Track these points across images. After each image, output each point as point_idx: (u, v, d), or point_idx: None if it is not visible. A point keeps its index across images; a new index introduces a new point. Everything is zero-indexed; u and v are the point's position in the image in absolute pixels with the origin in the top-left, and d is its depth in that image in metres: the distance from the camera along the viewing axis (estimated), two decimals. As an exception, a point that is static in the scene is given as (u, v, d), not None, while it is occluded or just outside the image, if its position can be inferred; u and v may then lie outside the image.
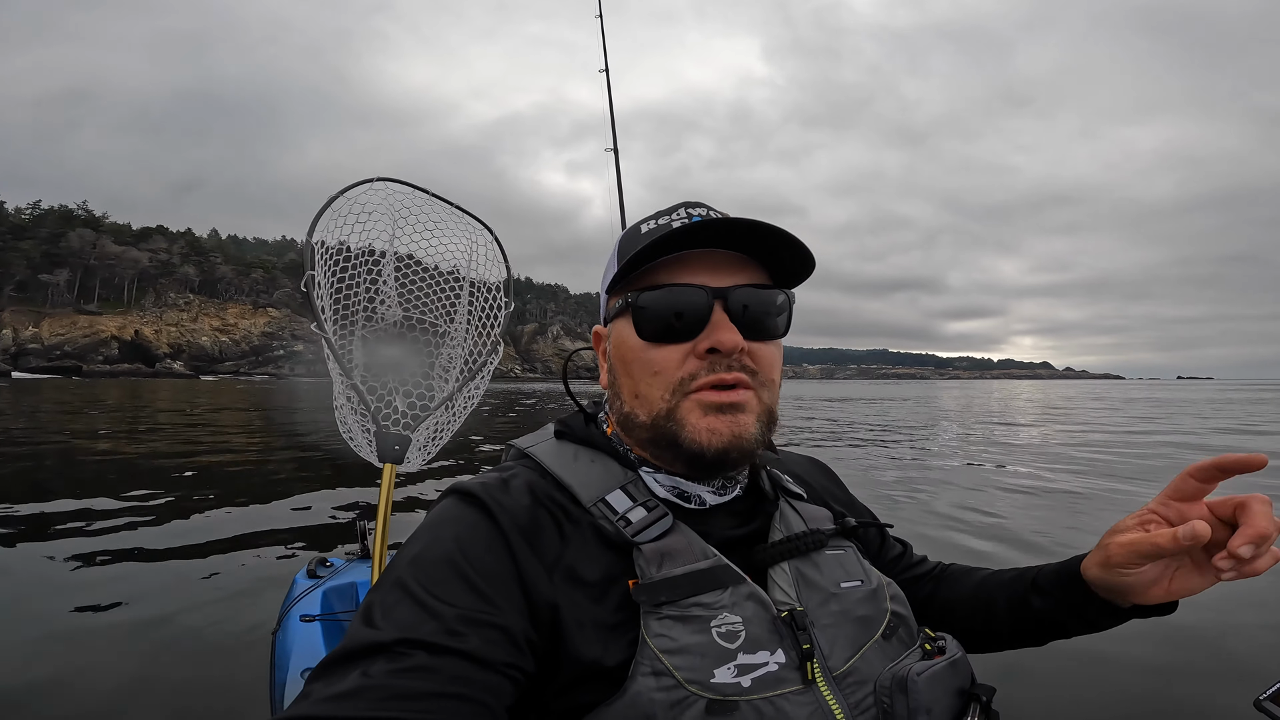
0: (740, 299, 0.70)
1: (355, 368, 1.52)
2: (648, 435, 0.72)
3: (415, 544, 0.64)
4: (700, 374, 0.69)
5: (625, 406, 0.75)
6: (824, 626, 0.67)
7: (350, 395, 1.52)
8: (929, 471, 6.91)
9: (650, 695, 0.58)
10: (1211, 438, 10.94)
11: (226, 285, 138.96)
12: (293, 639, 1.43)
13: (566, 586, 0.64)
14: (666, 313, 0.70)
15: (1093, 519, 4.57)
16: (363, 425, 1.55)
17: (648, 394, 0.72)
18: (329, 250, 1.52)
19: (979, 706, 0.68)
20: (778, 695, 0.60)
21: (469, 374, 1.70)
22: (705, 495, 0.74)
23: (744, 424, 0.69)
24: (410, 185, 1.62)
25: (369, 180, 1.54)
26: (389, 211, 1.61)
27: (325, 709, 0.50)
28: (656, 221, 0.76)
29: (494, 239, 1.78)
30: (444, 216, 1.70)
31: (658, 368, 0.71)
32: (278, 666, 1.41)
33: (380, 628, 0.56)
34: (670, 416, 0.70)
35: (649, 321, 0.71)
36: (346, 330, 1.55)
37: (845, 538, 0.79)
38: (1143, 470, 6.95)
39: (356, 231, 1.55)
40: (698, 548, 0.67)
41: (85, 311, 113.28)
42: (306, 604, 1.55)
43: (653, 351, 0.71)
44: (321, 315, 1.44)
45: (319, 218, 1.44)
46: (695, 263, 0.71)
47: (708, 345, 0.68)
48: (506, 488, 0.69)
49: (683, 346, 0.70)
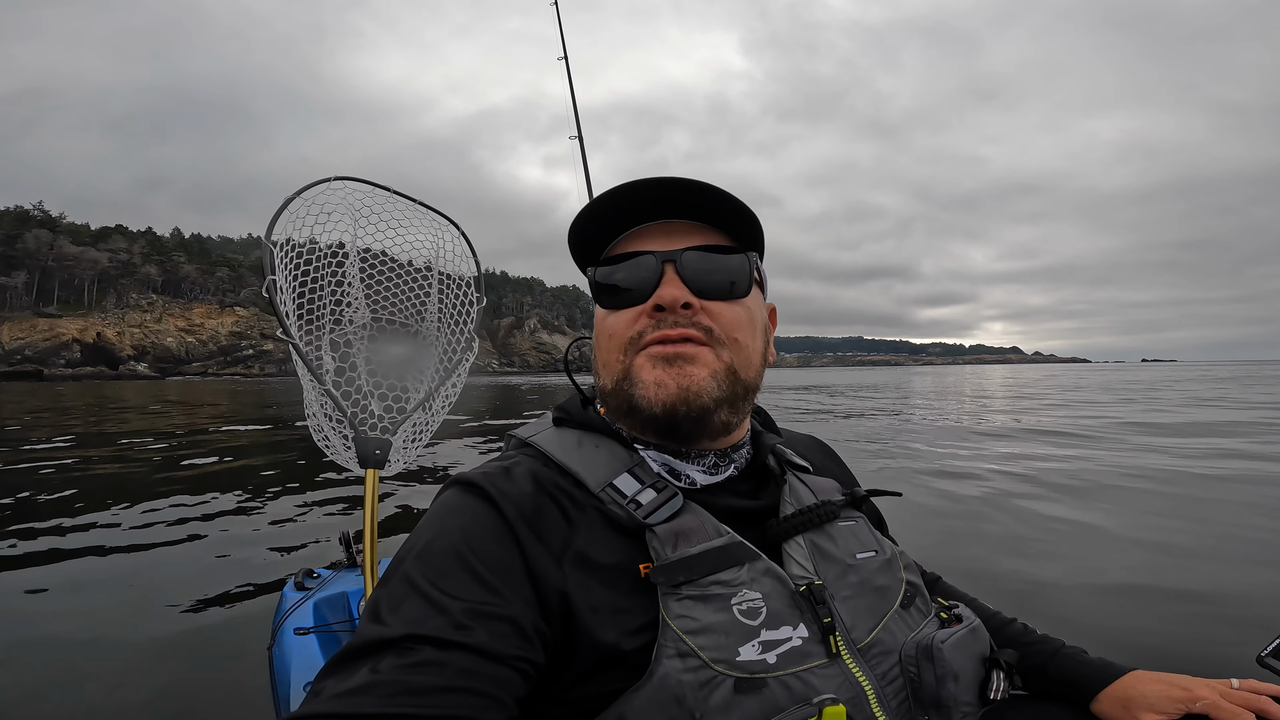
0: (692, 260, 0.71)
1: (327, 373, 1.49)
2: (614, 402, 0.73)
3: (420, 537, 0.63)
4: (649, 330, 0.70)
5: (599, 380, 0.76)
6: (844, 599, 0.67)
7: (324, 402, 1.49)
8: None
9: (678, 677, 0.57)
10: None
11: (191, 285, 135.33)
12: (290, 653, 1.40)
13: (577, 573, 0.63)
14: (619, 279, 0.73)
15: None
16: (340, 432, 1.51)
17: (608, 359, 0.73)
18: (290, 253, 1.47)
19: (1002, 672, 0.70)
20: (804, 670, 0.60)
21: (445, 372, 1.68)
22: (695, 474, 0.74)
23: (693, 376, 0.68)
24: (370, 183, 1.58)
25: (326, 179, 1.49)
26: (350, 211, 1.56)
27: (336, 705, 0.50)
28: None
29: (461, 234, 1.75)
30: (408, 214, 1.66)
31: (612, 330, 0.73)
32: (279, 682, 1.38)
33: (388, 623, 0.55)
34: (626, 376, 0.71)
35: (605, 291, 0.74)
36: (314, 335, 1.51)
37: (855, 508, 0.80)
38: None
39: (316, 233, 1.51)
40: (711, 526, 0.67)
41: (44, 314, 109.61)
42: (299, 617, 1.52)
43: (610, 318, 0.74)
44: (286, 320, 1.40)
45: (275, 220, 1.39)
46: (650, 233, 0.74)
47: (654, 302, 0.70)
48: (509, 476, 0.68)
49: (636, 309, 0.72)
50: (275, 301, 1.39)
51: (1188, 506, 4.14)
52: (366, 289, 1.63)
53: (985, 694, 0.69)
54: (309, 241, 1.49)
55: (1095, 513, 3.99)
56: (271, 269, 1.39)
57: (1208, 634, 2.23)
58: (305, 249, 1.49)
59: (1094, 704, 0.77)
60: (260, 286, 1.40)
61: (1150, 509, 4.06)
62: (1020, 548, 3.28)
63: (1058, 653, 0.82)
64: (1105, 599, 2.56)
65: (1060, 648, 0.83)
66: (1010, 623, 0.89)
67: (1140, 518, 3.86)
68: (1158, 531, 3.53)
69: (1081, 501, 4.33)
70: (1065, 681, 0.80)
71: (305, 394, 1.50)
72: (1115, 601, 2.53)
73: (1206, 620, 2.34)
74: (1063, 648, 0.83)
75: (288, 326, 1.39)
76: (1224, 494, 4.52)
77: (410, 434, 1.61)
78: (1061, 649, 0.83)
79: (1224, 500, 4.33)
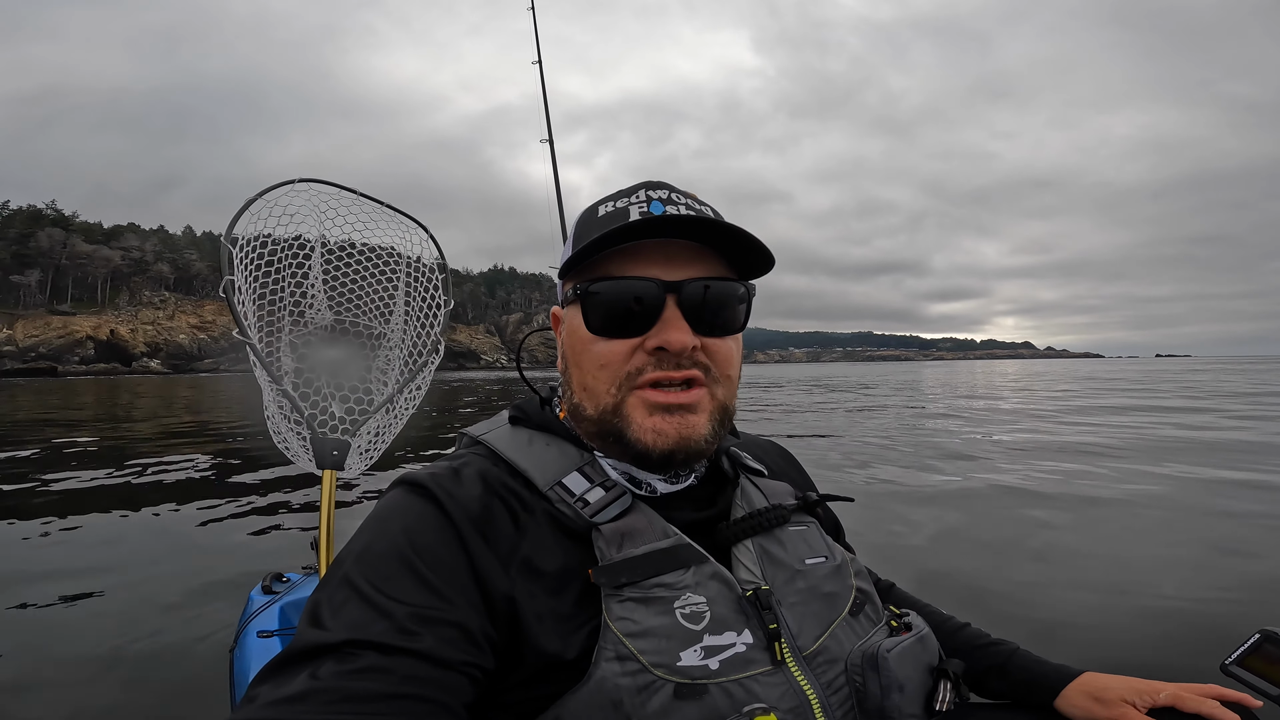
0: (694, 292, 0.66)
1: (285, 374, 1.49)
2: (594, 429, 0.71)
3: (361, 538, 0.61)
4: (647, 369, 0.66)
5: (575, 397, 0.72)
6: (791, 605, 0.66)
7: (281, 403, 1.49)
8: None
9: (615, 681, 0.56)
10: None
11: (203, 282, 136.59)
12: (251, 655, 1.40)
13: (523, 579, 0.61)
14: (616, 306, 0.67)
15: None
16: (297, 432, 1.52)
17: (594, 387, 0.69)
18: (249, 253, 1.48)
19: (949, 683, 0.68)
20: (747, 677, 0.59)
21: (409, 375, 1.68)
22: (656, 483, 0.72)
23: (693, 425, 0.67)
24: (335, 185, 1.58)
25: (290, 181, 1.50)
26: (315, 213, 1.57)
27: (273, 713, 0.48)
28: (615, 204, 0.72)
29: (429, 237, 1.75)
30: (375, 216, 1.67)
31: (604, 360, 0.68)
32: (237, 684, 1.39)
33: (328, 628, 0.53)
34: (616, 412, 0.68)
35: (598, 314, 0.68)
36: (274, 336, 1.51)
37: (808, 514, 0.78)
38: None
39: (280, 234, 1.52)
40: (658, 527, 0.65)
41: (58, 312, 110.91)
42: (264, 620, 1.52)
43: (600, 345, 0.68)
44: (244, 320, 1.41)
45: (236, 220, 1.40)
46: (650, 252, 0.68)
47: (656, 343, 0.66)
48: (457, 477, 0.66)
49: (631, 341, 0.67)
50: (233, 302, 1.39)
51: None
52: (329, 290, 1.63)
53: (931, 705, 0.67)
54: (267, 238, 1.49)
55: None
56: (230, 268, 1.39)
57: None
58: (266, 249, 1.50)
59: (1058, 700, 0.78)
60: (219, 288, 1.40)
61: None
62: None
63: (1016, 653, 0.83)
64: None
65: (1017, 649, 0.84)
66: (964, 628, 0.88)
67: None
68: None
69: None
70: (1027, 680, 0.80)
71: (264, 394, 1.50)
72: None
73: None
74: (1019, 649, 0.84)
75: (244, 327, 1.40)
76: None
77: (372, 436, 1.61)
78: (1018, 650, 0.84)
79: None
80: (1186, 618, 2.40)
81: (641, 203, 0.70)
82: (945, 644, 0.79)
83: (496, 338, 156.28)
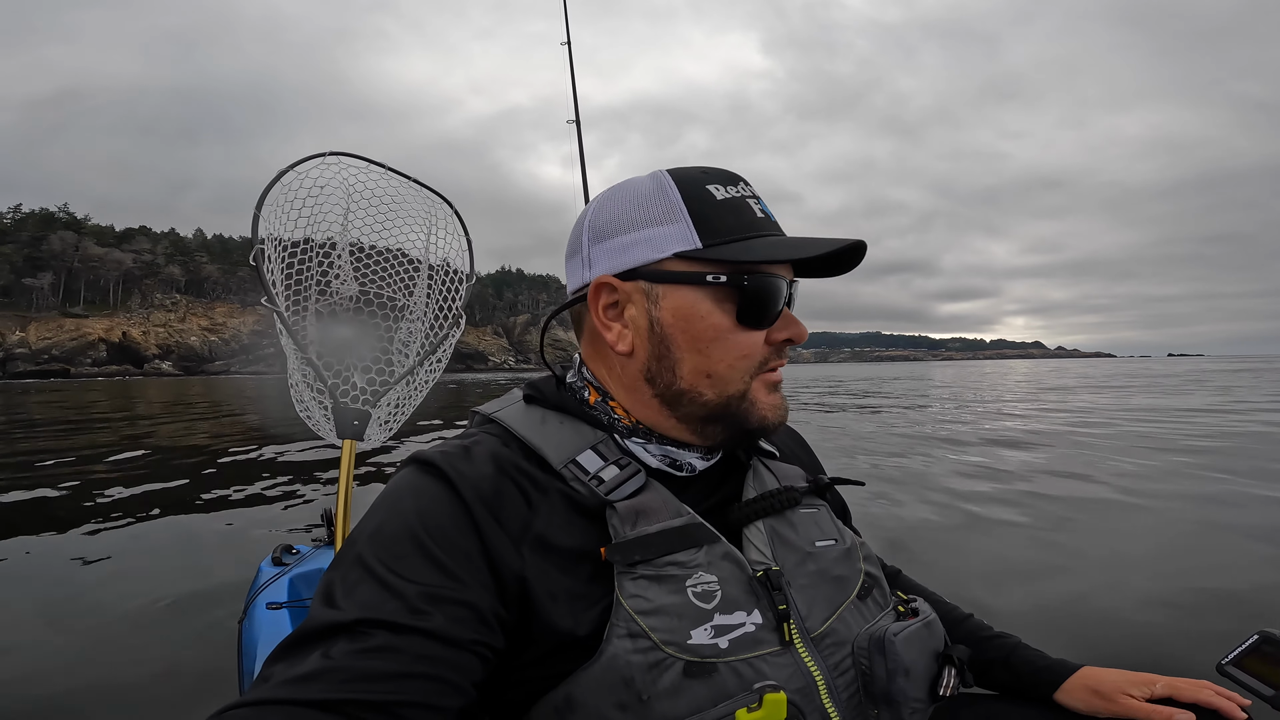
0: (795, 292, 0.74)
1: (310, 343, 1.51)
2: (707, 413, 0.70)
3: (374, 518, 0.62)
4: (772, 358, 0.72)
5: (682, 383, 0.70)
6: (800, 587, 0.66)
7: (306, 371, 1.51)
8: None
9: (627, 658, 0.57)
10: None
11: (213, 285, 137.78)
12: (260, 627, 1.40)
13: (535, 557, 0.61)
14: (774, 302, 0.69)
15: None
16: (319, 401, 1.53)
17: (728, 375, 0.69)
18: (281, 222, 1.50)
19: (954, 669, 0.69)
20: (755, 657, 0.59)
21: (430, 348, 1.69)
22: (695, 462, 0.73)
23: (786, 400, 0.75)
24: (365, 159, 1.60)
25: (321, 154, 1.52)
26: (343, 187, 1.58)
27: (286, 691, 0.48)
28: (726, 190, 0.70)
29: (454, 212, 1.77)
30: (401, 191, 1.68)
31: (746, 351, 0.69)
32: (245, 655, 1.38)
33: (341, 607, 0.54)
34: (744, 397, 0.70)
35: (756, 306, 0.68)
36: (300, 306, 1.53)
37: (819, 496, 0.79)
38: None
39: (310, 206, 1.53)
40: (672, 505, 0.66)
41: (71, 314, 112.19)
42: (273, 592, 1.51)
43: (742, 335, 0.69)
44: (273, 289, 1.42)
45: (268, 190, 1.42)
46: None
47: (788, 336, 0.71)
48: (469, 456, 0.66)
49: (763, 332, 0.70)
50: (262, 269, 1.41)
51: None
52: (356, 262, 1.65)
53: (935, 690, 0.68)
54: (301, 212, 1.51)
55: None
56: (259, 239, 1.41)
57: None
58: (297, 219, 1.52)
59: (1059, 693, 0.79)
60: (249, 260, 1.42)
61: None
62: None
63: (1019, 647, 0.85)
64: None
65: (1020, 643, 0.86)
66: (967, 618, 0.90)
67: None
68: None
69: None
70: (1030, 673, 0.82)
71: (289, 363, 1.52)
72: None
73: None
74: (1021, 643, 0.86)
75: (273, 295, 1.41)
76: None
77: (392, 408, 1.62)
78: (1021, 644, 0.86)
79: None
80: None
81: (753, 198, 0.72)
82: (949, 633, 0.79)
83: (504, 339, 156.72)
